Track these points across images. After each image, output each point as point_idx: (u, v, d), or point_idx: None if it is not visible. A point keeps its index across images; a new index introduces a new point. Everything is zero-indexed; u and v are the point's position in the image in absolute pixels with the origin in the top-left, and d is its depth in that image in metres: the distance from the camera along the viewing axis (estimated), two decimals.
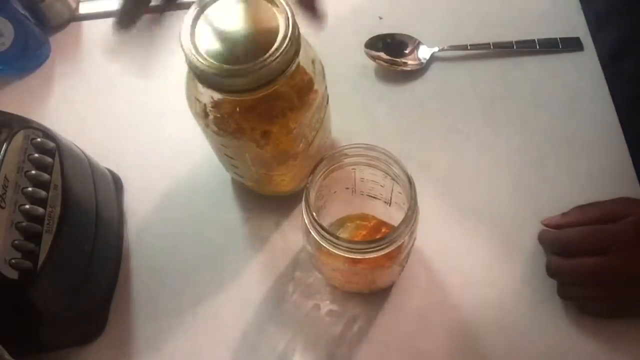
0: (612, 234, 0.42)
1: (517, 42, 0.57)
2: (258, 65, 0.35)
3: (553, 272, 0.45)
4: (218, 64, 0.35)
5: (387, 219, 0.46)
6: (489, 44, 0.57)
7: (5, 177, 0.38)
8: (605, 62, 0.56)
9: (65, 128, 0.48)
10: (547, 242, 0.46)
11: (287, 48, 0.35)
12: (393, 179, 0.40)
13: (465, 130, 0.54)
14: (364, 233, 0.47)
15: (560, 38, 0.57)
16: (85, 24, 0.62)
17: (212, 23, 0.37)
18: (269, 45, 0.36)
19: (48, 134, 0.43)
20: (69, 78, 0.59)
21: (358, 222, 0.48)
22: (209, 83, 0.36)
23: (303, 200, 0.38)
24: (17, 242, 0.38)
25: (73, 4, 0.62)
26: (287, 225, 0.51)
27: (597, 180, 0.50)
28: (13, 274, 0.37)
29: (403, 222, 0.37)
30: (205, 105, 0.40)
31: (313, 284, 0.48)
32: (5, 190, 0.38)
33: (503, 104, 0.55)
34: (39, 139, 0.42)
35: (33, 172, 0.40)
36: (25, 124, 0.42)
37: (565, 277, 0.45)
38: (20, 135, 0.41)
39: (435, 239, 0.48)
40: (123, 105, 0.57)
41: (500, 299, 0.47)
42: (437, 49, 0.57)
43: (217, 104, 0.39)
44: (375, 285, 0.46)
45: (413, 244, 0.41)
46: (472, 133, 0.54)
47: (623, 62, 0.55)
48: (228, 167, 0.48)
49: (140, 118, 0.56)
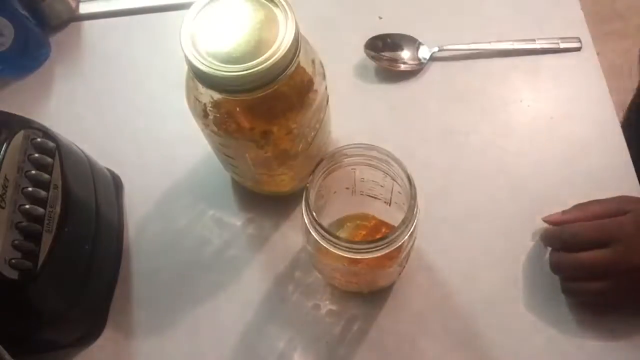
0: (612, 227, 0.42)
1: (517, 41, 0.57)
2: (258, 65, 0.35)
3: (555, 267, 0.45)
4: (218, 64, 0.35)
5: (387, 219, 0.46)
6: (489, 44, 0.57)
7: (5, 177, 0.38)
8: None
9: (65, 128, 0.48)
10: (549, 238, 0.47)
11: (287, 48, 0.35)
12: (393, 179, 0.40)
13: (465, 130, 0.54)
14: (364, 233, 0.47)
15: (560, 38, 0.57)
16: (85, 24, 0.62)
17: (212, 23, 0.37)
18: (269, 45, 0.36)
19: (48, 134, 0.43)
20: (69, 78, 0.59)
21: (358, 222, 0.47)
22: (209, 83, 0.36)
23: (303, 200, 0.37)
24: (17, 242, 0.38)
25: (73, 4, 0.62)
26: (287, 225, 0.51)
27: (597, 180, 0.50)
28: (13, 274, 0.37)
29: (403, 222, 0.37)
30: (205, 105, 0.40)
31: (313, 284, 0.48)
32: (5, 190, 0.38)
33: (503, 104, 0.55)
34: (39, 139, 0.42)
35: (33, 172, 0.40)
36: (25, 124, 0.42)
37: (568, 271, 0.45)
38: (20, 135, 0.41)
39: (435, 239, 0.48)
40: (123, 105, 0.57)
41: (500, 299, 0.47)
42: (437, 49, 0.57)
43: (216, 104, 0.39)
44: (375, 285, 0.46)
45: (413, 244, 0.41)
46: (472, 133, 0.54)
47: None
48: (228, 167, 0.48)
49: (140, 118, 0.56)
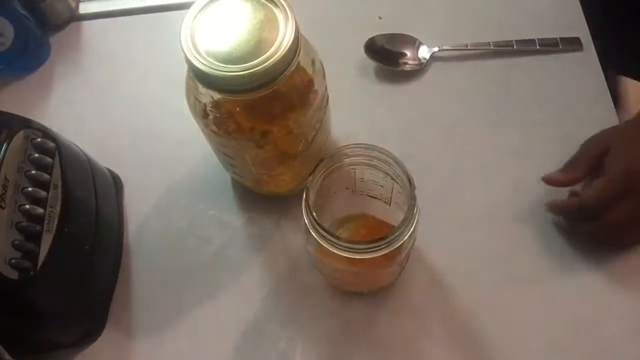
0: (623, 178, 0.44)
1: (517, 42, 0.57)
2: (258, 65, 0.35)
3: (603, 237, 0.46)
4: (218, 64, 0.35)
5: (387, 219, 0.46)
6: (489, 44, 0.57)
7: (5, 177, 0.38)
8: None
9: (65, 128, 0.48)
10: (570, 212, 0.47)
11: (287, 48, 0.35)
12: (393, 179, 0.40)
13: (465, 130, 0.54)
14: (364, 233, 0.47)
15: (560, 38, 0.57)
16: (85, 24, 0.62)
17: (212, 23, 0.37)
18: (269, 45, 0.36)
19: (48, 134, 0.43)
20: (69, 78, 0.59)
21: (358, 222, 0.48)
22: (209, 83, 0.36)
23: (303, 200, 0.37)
24: (17, 242, 0.38)
25: (73, 4, 0.62)
26: (287, 225, 0.51)
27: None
28: (13, 274, 0.37)
29: (403, 222, 0.37)
30: (205, 105, 0.40)
31: (313, 284, 0.48)
32: (5, 190, 0.38)
33: (503, 104, 0.55)
34: (39, 139, 0.42)
35: (33, 172, 0.40)
36: (25, 124, 0.42)
37: (616, 236, 0.46)
38: (20, 135, 0.41)
39: (435, 239, 0.48)
40: (123, 105, 0.57)
41: (500, 299, 0.47)
42: (437, 49, 0.57)
43: (216, 104, 0.39)
44: (375, 285, 0.46)
45: (413, 244, 0.41)
46: (472, 133, 0.54)
47: None
48: (228, 167, 0.48)
49: (140, 118, 0.56)
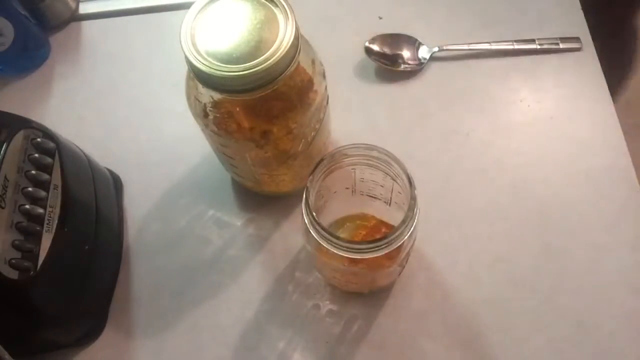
0: None
1: (517, 42, 0.57)
2: (258, 65, 0.35)
3: None
4: (218, 64, 0.35)
5: (387, 219, 0.46)
6: (489, 44, 0.57)
7: (5, 177, 0.38)
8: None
9: (65, 128, 0.48)
10: None
11: (287, 48, 0.35)
12: (393, 179, 0.40)
13: (465, 130, 0.54)
14: (364, 233, 0.47)
15: (560, 38, 0.57)
16: (85, 24, 0.62)
17: (212, 23, 0.37)
18: (269, 45, 0.36)
19: (48, 134, 0.43)
20: (69, 78, 0.59)
21: (358, 222, 0.47)
22: (209, 83, 0.36)
23: (303, 200, 0.37)
24: (17, 242, 0.38)
25: (73, 4, 0.62)
26: (287, 225, 0.51)
27: (597, 180, 0.50)
28: (13, 274, 0.37)
29: (403, 222, 0.37)
30: (205, 105, 0.40)
31: (313, 284, 0.48)
32: (5, 190, 0.38)
33: (503, 104, 0.55)
34: (39, 139, 0.42)
35: (33, 172, 0.40)
36: (25, 124, 0.42)
37: None
38: (20, 135, 0.41)
39: (435, 239, 0.49)
40: (123, 105, 0.57)
41: (500, 299, 0.47)
42: (437, 49, 0.57)
43: (216, 104, 0.39)
44: (375, 285, 0.46)
45: (413, 244, 0.41)
46: (472, 133, 0.54)
47: None
48: (228, 167, 0.48)
49: (140, 118, 0.56)
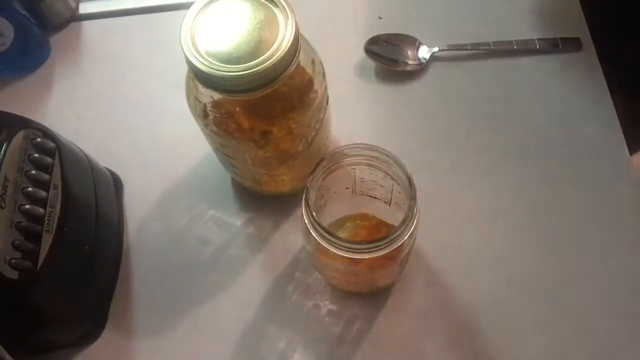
0: None
1: (517, 42, 0.57)
2: (258, 65, 0.35)
3: None
4: (218, 64, 0.35)
5: (387, 219, 0.46)
6: (489, 44, 0.57)
7: (5, 177, 0.38)
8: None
9: (65, 128, 0.48)
10: None
11: (287, 48, 0.35)
12: (393, 179, 0.40)
13: (465, 130, 0.54)
14: (364, 233, 0.47)
15: (560, 38, 0.57)
16: (85, 24, 0.62)
17: (212, 23, 0.37)
18: (269, 45, 0.36)
19: (48, 134, 0.43)
20: (69, 78, 0.59)
21: (358, 222, 0.47)
22: (209, 83, 0.36)
23: (303, 200, 0.38)
24: (17, 242, 0.38)
25: (73, 4, 0.62)
26: (287, 226, 0.51)
27: (597, 180, 0.50)
28: (13, 274, 0.37)
29: (403, 222, 0.37)
30: (205, 105, 0.40)
31: (313, 284, 0.48)
32: (5, 190, 0.38)
33: (503, 104, 0.55)
34: (39, 139, 0.42)
35: (33, 172, 0.40)
36: (25, 124, 0.42)
37: None
38: (20, 135, 0.41)
39: (435, 239, 0.48)
40: (123, 105, 0.57)
41: (501, 299, 0.47)
42: (437, 49, 0.57)
43: (216, 104, 0.39)
44: (375, 285, 0.46)
45: (413, 244, 0.41)
46: (472, 133, 0.54)
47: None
48: (228, 167, 0.48)
49: (140, 118, 0.56)
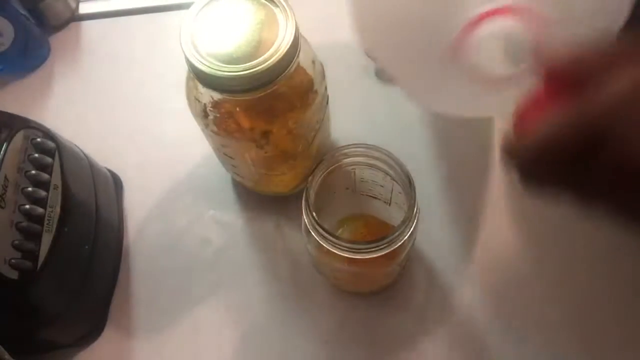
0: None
1: None
2: (258, 65, 0.35)
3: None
4: (218, 64, 0.35)
5: (387, 219, 0.46)
6: None
7: (5, 177, 0.38)
8: None
9: (65, 128, 0.48)
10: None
11: (287, 48, 0.35)
12: (393, 179, 0.40)
13: (465, 131, 0.54)
14: (364, 233, 0.47)
15: None
16: (85, 24, 0.62)
17: (212, 23, 0.37)
18: (269, 46, 0.36)
19: (48, 134, 0.43)
20: (69, 78, 0.59)
21: (358, 222, 0.48)
22: (209, 83, 0.36)
23: (303, 201, 0.38)
24: (17, 242, 0.38)
25: (73, 4, 0.62)
26: (287, 226, 0.51)
27: None
28: (13, 274, 0.37)
29: (403, 222, 0.37)
30: (205, 105, 0.40)
31: (313, 284, 0.48)
32: (5, 190, 0.38)
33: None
34: (39, 139, 0.42)
35: (33, 172, 0.40)
36: (25, 124, 0.42)
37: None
38: (20, 135, 0.41)
39: (435, 239, 0.48)
40: (123, 105, 0.57)
41: (500, 299, 0.47)
42: None
43: (216, 104, 0.39)
44: (375, 285, 0.46)
45: (413, 244, 0.41)
46: (471, 133, 0.54)
47: None
48: (228, 167, 0.48)
49: (140, 118, 0.56)
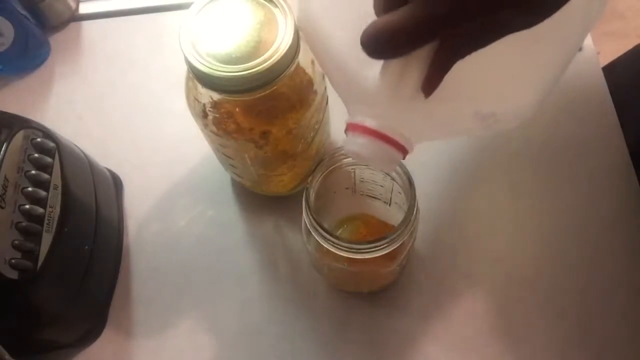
0: None
1: None
2: (258, 66, 0.35)
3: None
4: (217, 65, 0.35)
5: (387, 219, 0.46)
6: None
7: (5, 177, 0.38)
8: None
9: (65, 128, 0.48)
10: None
11: (286, 48, 0.35)
12: (393, 179, 0.40)
13: None
14: (364, 233, 0.47)
15: None
16: (85, 24, 0.62)
17: (211, 23, 0.37)
18: (269, 46, 0.36)
19: (48, 134, 0.43)
20: (69, 78, 0.59)
21: (358, 222, 0.48)
22: (209, 83, 0.36)
23: (303, 201, 0.38)
24: (17, 242, 0.38)
25: (73, 4, 0.62)
26: (287, 225, 0.51)
27: (597, 181, 0.50)
28: (13, 274, 0.37)
29: (403, 222, 0.37)
30: (205, 106, 0.40)
31: (313, 284, 0.48)
32: (5, 190, 0.38)
33: None
34: (39, 139, 0.42)
35: (33, 172, 0.40)
36: (25, 124, 0.42)
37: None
38: (20, 135, 0.41)
39: (435, 239, 0.48)
40: (123, 105, 0.57)
41: (500, 299, 0.47)
42: None
43: (216, 104, 0.39)
44: (375, 285, 0.46)
45: (413, 244, 0.41)
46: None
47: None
48: (227, 167, 0.48)
49: (141, 118, 0.56)
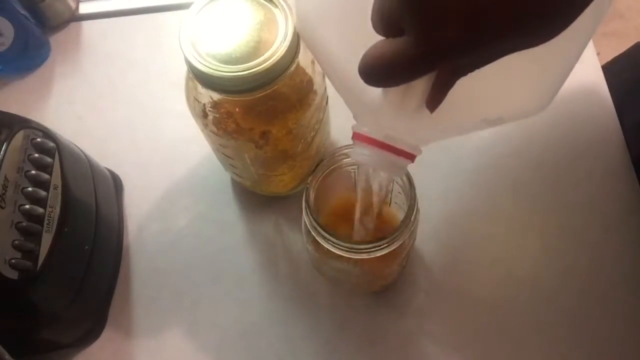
0: None
1: None
2: (258, 66, 0.35)
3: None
4: (217, 65, 0.35)
5: (387, 219, 0.46)
6: None
7: (5, 177, 0.38)
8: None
9: (65, 128, 0.48)
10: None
11: (286, 48, 0.35)
12: (393, 179, 0.40)
13: None
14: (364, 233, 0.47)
15: None
16: (85, 24, 0.62)
17: (211, 23, 0.37)
18: (269, 46, 0.36)
19: (48, 134, 0.43)
20: (69, 78, 0.59)
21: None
22: (209, 83, 0.36)
23: (303, 201, 0.38)
24: (17, 242, 0.38)
25: (73, 4, 0.62)
26: (287, 225, 0.51)
27: (597, 181, 0.50)
28: (13, 274, 0.37)
29: (403, 222, 0.37)
30: (205, 106, 0.40)
31: (313, 284, 0.48)
32: (5, 190, 0.38)
33: None
34: (39, 139, 0.42)
35: (33, 172, 0.40)
36: (25, 124, 0.42)
37: None
38: (20, 135, 0.41)
39: (435, 239, 0.48)
40: (123, 105, 0.57)
41: (500, 299, 0.47)
42: None
43: (216, 104, 0.39)
44: (376, 285, 0.46)
45: (413, 244, 0.41)
46: (471, 133, 0.54)
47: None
48: (227, 167, 0.48)
49: (141, 118, 0.56)
